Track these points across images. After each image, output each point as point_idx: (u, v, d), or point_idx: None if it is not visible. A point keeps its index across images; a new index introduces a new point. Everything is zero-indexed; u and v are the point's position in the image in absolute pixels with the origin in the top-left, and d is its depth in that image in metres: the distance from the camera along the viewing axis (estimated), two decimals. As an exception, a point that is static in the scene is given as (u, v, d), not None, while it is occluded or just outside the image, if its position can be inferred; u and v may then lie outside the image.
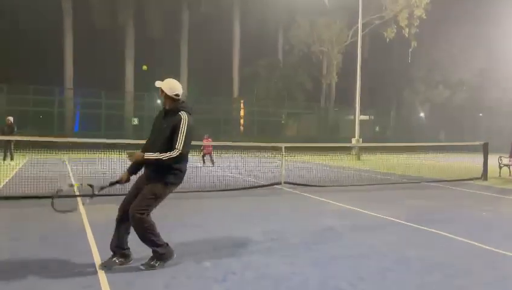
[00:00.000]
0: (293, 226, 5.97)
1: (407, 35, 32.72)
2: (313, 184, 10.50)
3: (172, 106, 4.08)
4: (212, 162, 15.56)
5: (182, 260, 4.25)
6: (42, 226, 5.71)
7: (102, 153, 14.75)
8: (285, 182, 10.31)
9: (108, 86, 28.47)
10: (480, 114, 39.77)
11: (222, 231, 5.63)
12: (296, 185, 10.24)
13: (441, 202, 8.55)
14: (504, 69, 34.05)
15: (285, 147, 10.75)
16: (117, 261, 4.00)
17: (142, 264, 3.97)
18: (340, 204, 7.43)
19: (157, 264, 3.97)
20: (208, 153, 15.67)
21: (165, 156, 3.87)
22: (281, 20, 35.00)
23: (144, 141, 4.39)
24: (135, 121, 29.66)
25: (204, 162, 15.63)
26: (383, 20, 32.64)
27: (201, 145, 15.57)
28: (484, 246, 5.05)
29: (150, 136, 4.23)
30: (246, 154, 18.27)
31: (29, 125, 24.70)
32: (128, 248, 4.08)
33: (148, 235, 3.91)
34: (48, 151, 16.79)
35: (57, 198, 4.11)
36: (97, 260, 4.19)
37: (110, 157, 15.74)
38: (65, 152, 16.70)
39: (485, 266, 4.36)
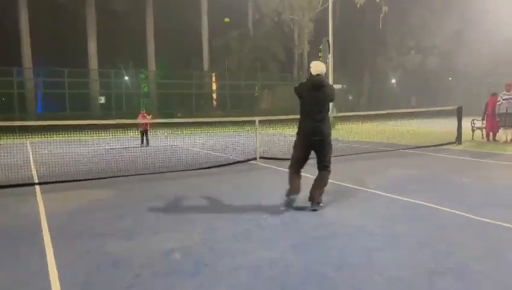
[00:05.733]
0: (270, 204, 5.56)
1: (377, 0, 32.29)
2: (289, 158, 10.13)
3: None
4: (147, 141, 14.08)
5: (148, 252, 3.81)
6: (-8, 221, 5.12)
7: (67, 135, 13.96)
8: (260, 157, 9.92)
9: (71, 64, 27.00)
10: (450, 78, 39.84)
11: (193, 214, 5.18)
12: (272, 160, 9.87)
13: (421, 170, 8.35)
14: (476, 31, 33.79)
15: (259, 121, 10.30)
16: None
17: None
18: (319, 177, 7.06)
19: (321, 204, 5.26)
20: (144, 131, 14.17)
21: None
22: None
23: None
24: (102, 100, 28.38)
25: (142, 142, 14.15)
26: (353, -15, 32.05)
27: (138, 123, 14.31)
28: (471, 216, 4.80)
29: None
30: (220, 130, 17.76)
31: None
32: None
33: None
34: (9, 136, 15.83)
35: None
36: (50, 259, 3.70)
37: (77, 139, 14.99)
38: (28, 136, 15.75)
39: (476, 238, 4.10)
